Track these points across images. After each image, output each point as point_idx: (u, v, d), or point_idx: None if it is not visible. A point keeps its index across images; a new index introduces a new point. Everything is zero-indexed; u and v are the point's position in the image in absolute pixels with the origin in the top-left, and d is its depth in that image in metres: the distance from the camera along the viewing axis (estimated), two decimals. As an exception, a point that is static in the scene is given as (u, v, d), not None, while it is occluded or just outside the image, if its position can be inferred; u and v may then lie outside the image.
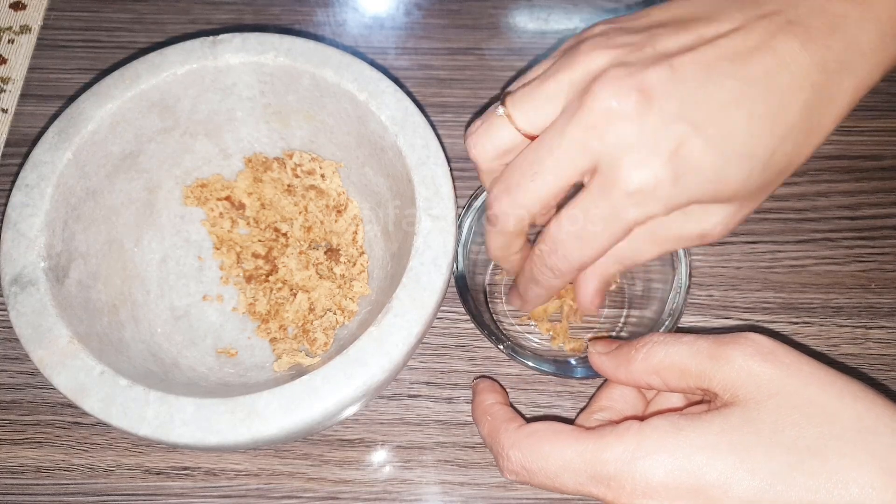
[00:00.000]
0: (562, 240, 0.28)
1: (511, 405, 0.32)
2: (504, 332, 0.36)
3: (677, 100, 0.25)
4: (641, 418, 0.26)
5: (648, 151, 0.25)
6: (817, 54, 0.26)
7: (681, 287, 0.34)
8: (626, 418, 0.27)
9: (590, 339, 0.34)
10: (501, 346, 0.34)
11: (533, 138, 0.28)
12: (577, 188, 0.28)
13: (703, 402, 0.28)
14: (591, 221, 0.27)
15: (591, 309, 0.33)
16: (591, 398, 0.31)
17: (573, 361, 0.34)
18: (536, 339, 0.39)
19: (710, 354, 0.26)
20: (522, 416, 0.30)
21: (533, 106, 0.28)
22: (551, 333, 0.38)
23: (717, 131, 0.25)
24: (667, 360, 0.27)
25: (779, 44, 0.26)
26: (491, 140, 0.29)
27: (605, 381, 0.31)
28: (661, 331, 0.34)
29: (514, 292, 0.34)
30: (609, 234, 0.27)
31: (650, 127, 0.25)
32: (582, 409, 0.31)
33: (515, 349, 0.34)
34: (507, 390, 0.38)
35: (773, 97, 0.26)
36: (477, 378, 0.37)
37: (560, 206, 0.29)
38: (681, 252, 0.35)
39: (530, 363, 0.34)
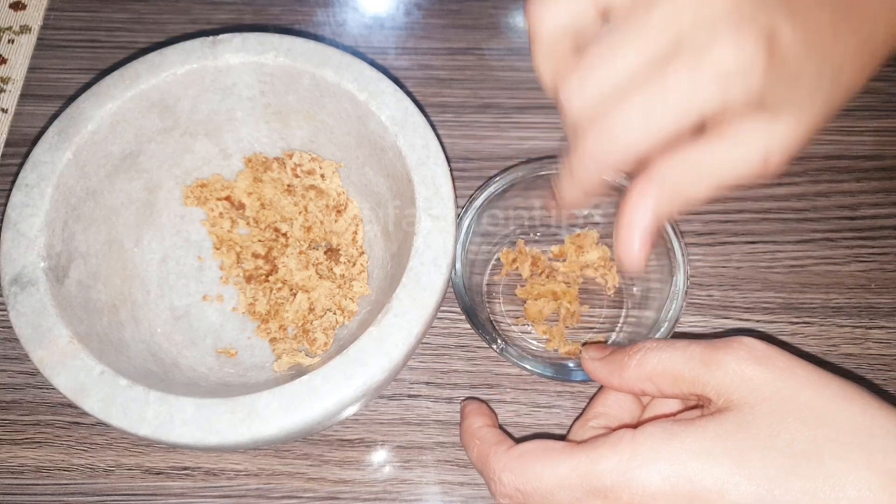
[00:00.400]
0: (623, 112, 0.24)
1: (500, 427, 0.31)
2: (501, 333, 0.36)
3: None
4: (636, 425, 0.26)
5: (743, 28, 0.23)
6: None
7: (679, 291, 0.35)
8: (623, 425, 0.27)
9: (583, 345, 0.34)
10: (495, 347, 0.34)
11: (604, 15, 0.25)
12: None
13: (698, 406, 0.28)
14: (663, 94, 0.23)
15: (634, 263, 0.26)
16: (586, 405, 0.31)
17: (571, 365, 0.34)
18: (534, 342, 0.39)
19: (704, 360, 0.26)
20: (512, 437, 0.29)
21: None
22: (547, 336, 0.38)
23: (804, 23, 0.24)
24: (660, 366, 0.27)
25: None
26: (558, 10, 0.25)
27: (601, 386, 0.31)
28: (660, 332, 0.34)
29: (557, 190, 0.28)
30: (677, 113, 0.23)
31: (748, 7, 0.23)
32: (578, 417, 0.31)
33: (511, 351, 0.34)
34: (508, 390, 0.38)
35: (852, 12, 0.25)
36: (464, 400, 0.37)
37: None
38: (679, 256, 0.35)
39: (527, 366, 0.34)
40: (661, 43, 0.23)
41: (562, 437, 0.37)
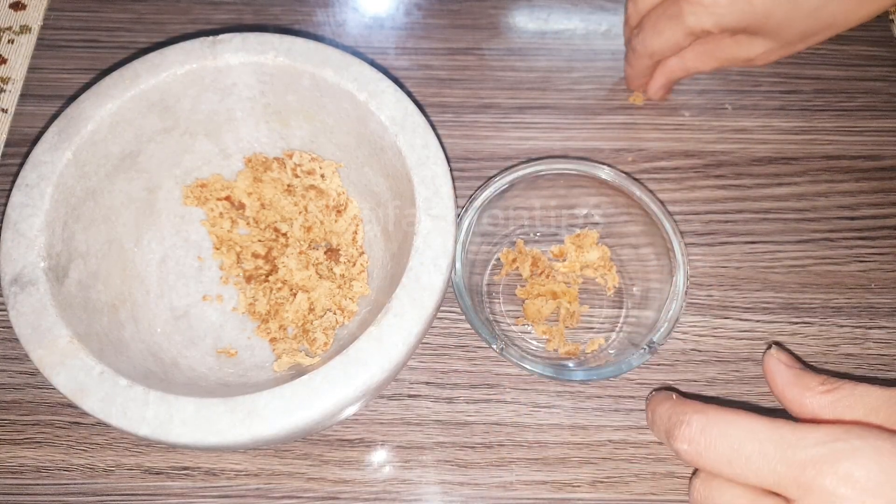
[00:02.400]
0: (645, 29, 0.40)
1: None
2: (501, 333, 0.36)
3: None
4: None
5: None
6: None
7: (679, 291, 0.35)
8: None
9: (774, 344, 0.34)
10: (495, 347, 0.34)
11: None
12: None
13: None
14: (662, 19, 0.38)
15: (656, 95, 0.44)
16: None
17: (571, 365, 0.34)
18: (534, 342, 0.39)
19: None
20: None
21: None
22: (547, 336, 0.38)
23: None
24: (857, 404, 0.25)
25: None
26: None
27: (651, 394, 0.30)
28: (660, 332, 0.34)
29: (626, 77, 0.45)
30: (672, 33, 0.38)
31: None
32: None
33: (511, 351, 0.34)
34: (508, 390, 0.38)
35: None
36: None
37: None
38: (679, 256, 0.35)
39: (527, 366, 0.34)
40: None
41: (562, 438, 0.37)
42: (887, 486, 0.22)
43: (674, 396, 0.28)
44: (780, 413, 0.27)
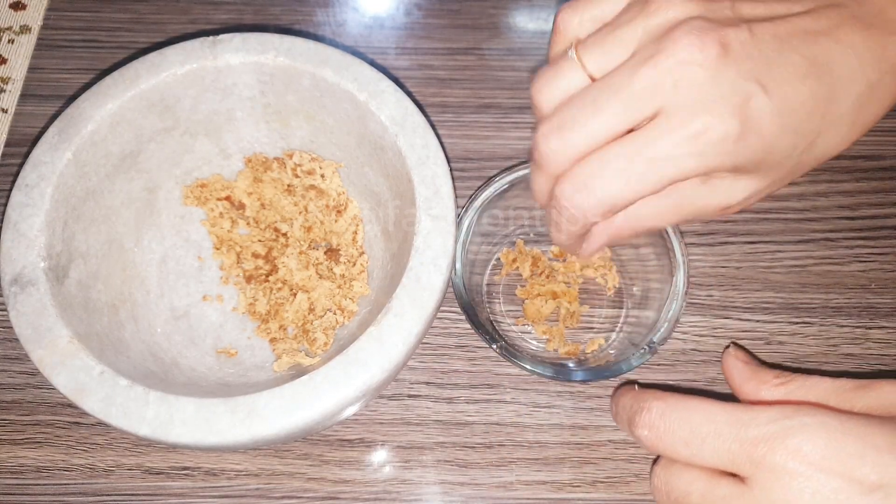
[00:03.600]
0: (600, 174, 0.26)
1: None
2: (501, 333, 0.36)
3: (753, 61, 0.25)
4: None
5: (721, 103, 0.25)
6: (876, 52, 0.27)
7: (679, 291, 0.35)
8: None
9: (732, 344, 0.36)
10: (495, 347, 0.34)
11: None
12: None
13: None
14: (641, 162, 0.25)
15: (588, 257, 0.32)
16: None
17: (571, 365, 0.34)
18: (534, 342, 0.39)
19: (856, 386, 0.26)
20: None
21: (605, 50, 0.27)
22: (547, 336, 0.38)
23: (781, 101, 0.26)
24: (807, 395, 0.27)
25: (843, 34, 0.26)
26: (558, 84, 0.27)
27: (617, 389, 0.31)
28: (660, 332, 0.34)
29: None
30: (654, 179, 0.26)
31: (726, 80, 0.25)
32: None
33: (510, 351, 0.34)
34: (507, 390, 0.38)
35: (832, 83, 0.26)
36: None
37: None
38: (679, 256, 0.35)
39: (527, 366, 0.34)
40: (641, 107, 0.25)
41: (562, 438, 0.37)
42: (834, 460, 0.23)
43: (636, 387, 0.29)
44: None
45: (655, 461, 0.28)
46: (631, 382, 0.37)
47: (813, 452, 0.23)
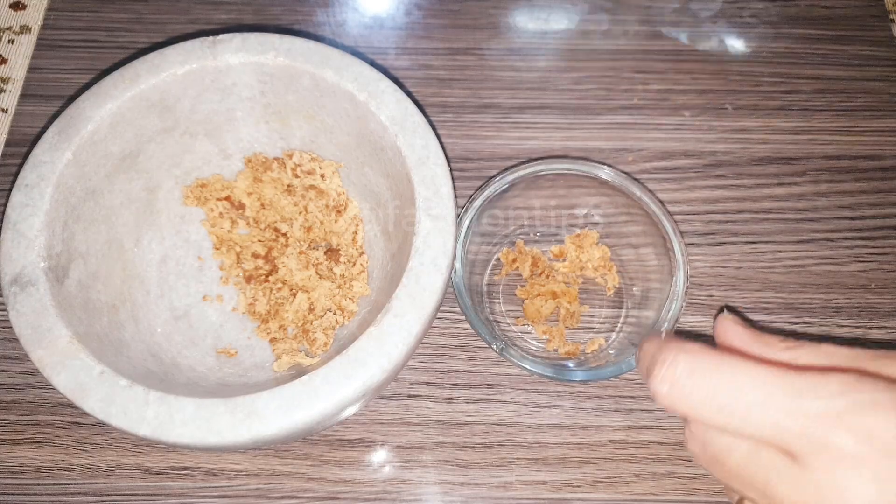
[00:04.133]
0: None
1: None
2: (501, 333, 0.36)
3: None
4: None
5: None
6: None
7: (679, 291, 0.35)
8: None
9: (726, 307, 0.32)
10: (495, 347, 0.34)
11: None
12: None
13: None
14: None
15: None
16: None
17: (571, 365, 0.34)
18: (534, 342, 0.39)
19: (873, 356, 0.22)
20: None
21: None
22: (547, 336, 0.38)
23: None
24: (819, 361, 0.22)
25: None
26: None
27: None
28: (660, 332, 0.34)
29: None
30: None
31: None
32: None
33: (510, 351, 0.34)
34: (507, 390, 0.38)
35: None
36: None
37: None
38: (679, 256, 0.35)
39: (527, 366, 0.34)
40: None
41: (562, 438, 0.37)
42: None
43: (664, 335, 0.25)
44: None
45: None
46: (632, 381, 0.37)
47: (885, 434, 0.19)
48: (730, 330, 0.25)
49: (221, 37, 0.35)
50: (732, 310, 0.33)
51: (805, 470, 0.20)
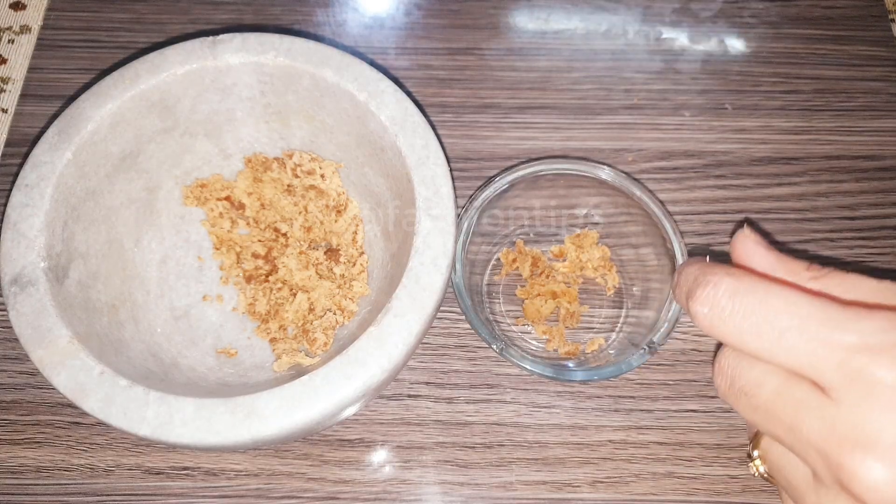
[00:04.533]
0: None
1: None
2: (501, 333, 0.36)
3: None
4: None
5: None
6: None
7: None
8: None
9: (746, 222, 0.29)
10: (495, 347, 0.34)
11: None
12: None
13: None
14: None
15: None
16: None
17: (571, 365, 0.34)
18: (534, 342, 0.39)
19: None
20: None
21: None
22: (547, 336, 0.38)
23: None
24: (847, 292, 0.21)
25: None
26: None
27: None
28: (660, 332, 0.34)
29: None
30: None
31: None
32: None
33: (510, 351, 0.34)
34: (507, 390, 0.38)
35: None
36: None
37: None
38: (679, 256, 0.35)
39: (527, 366, 0.34)
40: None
41: (562, 438, 0.37)
42: None
43: (706, 259, 0.24)
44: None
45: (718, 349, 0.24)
46: (632, 381, 0.37)
47: None
48: (752, 251, 0.24)
49: (221, 37, 0.35)
50: (753, 225, 0.30)
51: (838, 405, 0.19)
